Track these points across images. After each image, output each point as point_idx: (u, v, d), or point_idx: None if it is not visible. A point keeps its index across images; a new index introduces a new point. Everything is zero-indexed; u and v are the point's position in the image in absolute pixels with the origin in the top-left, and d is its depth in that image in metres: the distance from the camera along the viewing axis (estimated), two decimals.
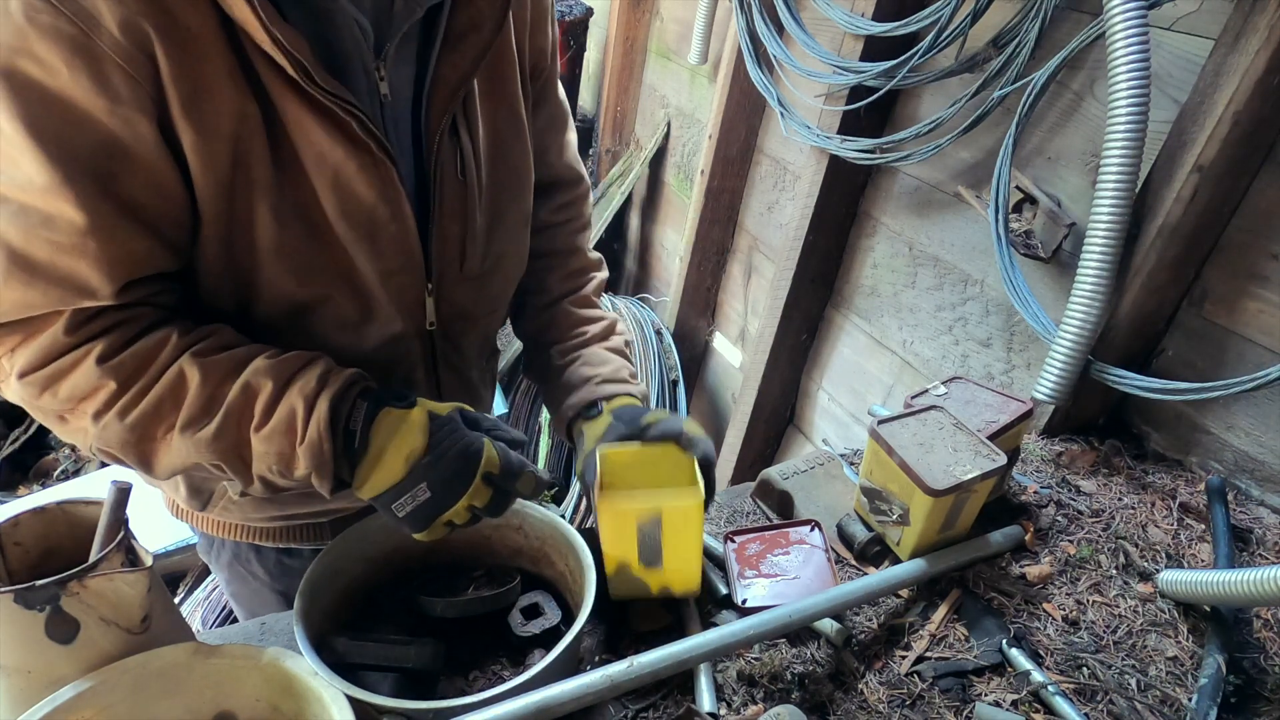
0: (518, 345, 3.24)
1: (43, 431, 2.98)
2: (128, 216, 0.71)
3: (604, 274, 1.20)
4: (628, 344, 1.16)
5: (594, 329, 1.11)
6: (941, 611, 1.03)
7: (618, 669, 0.81)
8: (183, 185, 0.73)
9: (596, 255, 1.21)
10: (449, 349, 1.01)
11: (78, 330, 0.73)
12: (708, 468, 0.94)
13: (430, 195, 0.87)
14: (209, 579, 2.30)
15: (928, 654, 0.97)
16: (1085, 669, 0.96)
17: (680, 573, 0.96)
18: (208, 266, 0.79)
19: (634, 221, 3.46)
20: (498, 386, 1.50)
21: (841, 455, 1.31)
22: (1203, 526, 1.20)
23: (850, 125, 1.84)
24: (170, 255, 0.76)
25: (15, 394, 0.75)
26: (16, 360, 0.73)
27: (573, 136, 1.18)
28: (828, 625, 0.97)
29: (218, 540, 1.12)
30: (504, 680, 0.82)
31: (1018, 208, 1.49)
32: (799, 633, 0.98)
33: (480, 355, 1.11)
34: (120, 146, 0.68)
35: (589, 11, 3.21)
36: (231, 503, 1.00)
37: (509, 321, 1.20)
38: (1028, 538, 1.14)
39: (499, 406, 3.16)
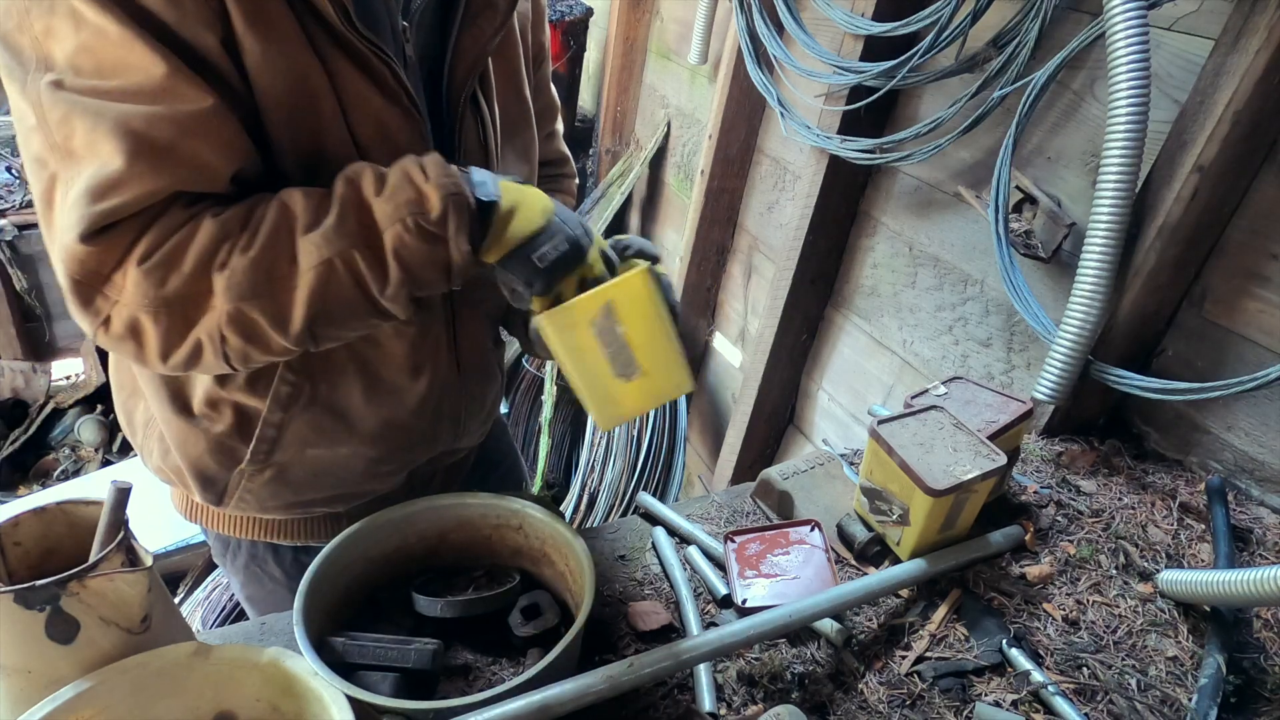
0: (516, 345, 3.25)
1: (43, 431, 2.99)
2: (226, 108, 0.72)
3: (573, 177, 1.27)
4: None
5: (551, 170, 1.20)
6: (941, 611, 1.03)
7: (618, 669, 0.81)
8: (250, 98, 0.75)
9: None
10: (468, 315, 1.03)
11: (192, 205, 0.73)
12: (651, 260, 0.90)
13: (456, 160, 0.88)
14: (209, 579, 2.30)
15: (928, 654, 0.97)
16: (1085, 669, 0.96)
17: (664, 371, 0.85)
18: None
19: (634, 221, 3.46)
20: None
21: (841, 455, 1.31)
22: (1203, 526, 1.20)
23: (850, 125, 1.84)
24: (256, 157, 0.77)
25: (127, 300, 0.71)
26: (136, 251, 0.71)
27: (560, 127, 1.24)
28: (828, 625, 0.97)
29: (233, 541, 1.12)
30: (504, 680, 0.82)
31: (1018, 208, 1.49)
32: (799, 633, 0.98)
33: (492, 328, 1.13)
34: (199, 52, 0.70)
35: (589, 11, 3.21)
36: (247, 492, 1.00)
37: None
38: (1028, 538, 1.14)
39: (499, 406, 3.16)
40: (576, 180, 1.30)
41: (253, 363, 0.79)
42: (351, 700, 0.72)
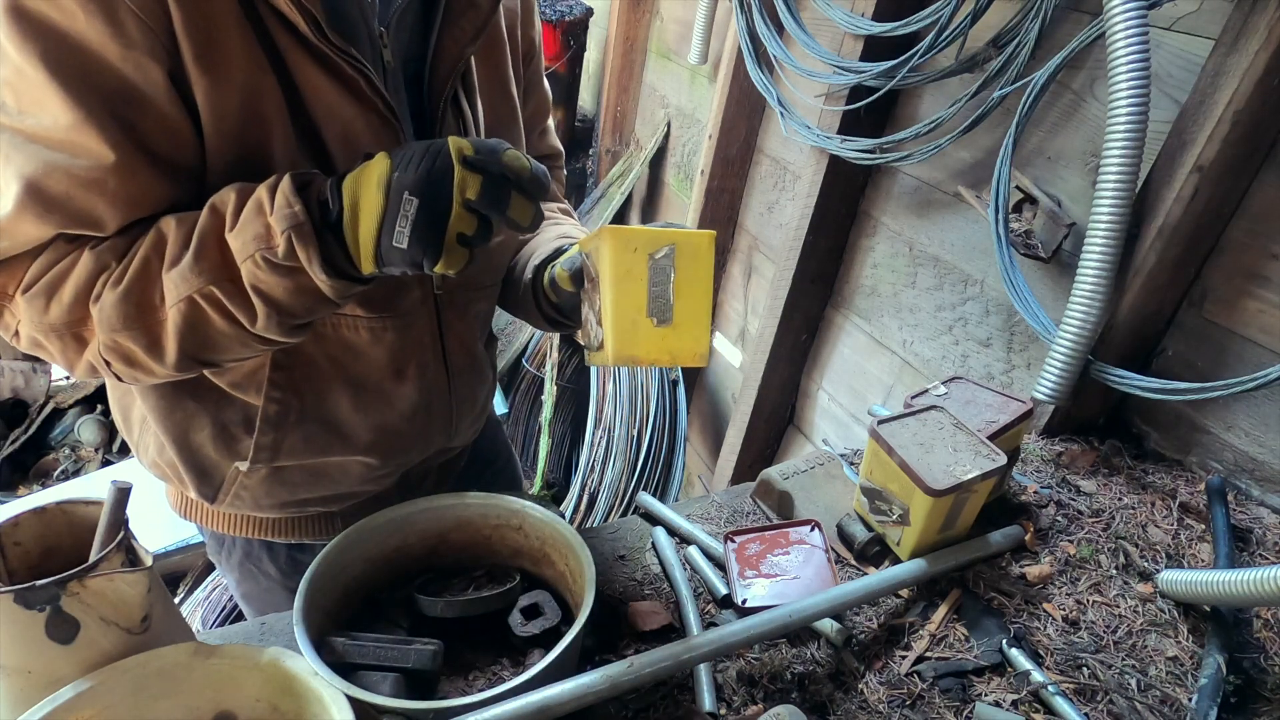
0: (516, 345, 3.24)
1: (43, 431, 2.98)
2: (147, 158, 0.72)
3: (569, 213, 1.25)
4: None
5: (552, 206, 1.20)
6: (941, 611, 1.03)
7: (618, 669, 0.81)
8: (194, 132, 0.75)
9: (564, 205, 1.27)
10: (454, 318, 1.02)
11: (75, 240, 0.75)
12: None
13: None
14: (209, 579, 2.30)
15: (928, 654, 0.97)
16: (1085, 669, 0.96)
17: (691, 331, 0.84)
18: None
19: (634, 222, 3.46)
20: (497, 387, 1.52)
21: (841, 455, 1.31)
22: (1203, 526, 1.20)
23: (850, 125, 1.84)
24: (179, 198, 0.77)
25: (24, 322, 0.76)
26: (19, 281, 0.75)
27: (551, 124, 1.25)
28: (828, 625, 0.97)
29: (228, 539, 1.12)
30: (504, 680, 0.82)
31: (1018, 208, 1.49)
32: (799, 633, 0.98)
33: (483, 330, 1.12)
34: (135, 91, 0.70)
35: (589, 11, 3.21)
36: (243, 489, 1.00)
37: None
38: (1028, 538, 1.14)
39: (499, 406, 3.16)
40: (565, 171, 1.30)
41: (145, 382, 0.82)
42: (351, 700, 0.72)
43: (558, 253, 1.03)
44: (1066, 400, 1.28)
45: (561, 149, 1.27)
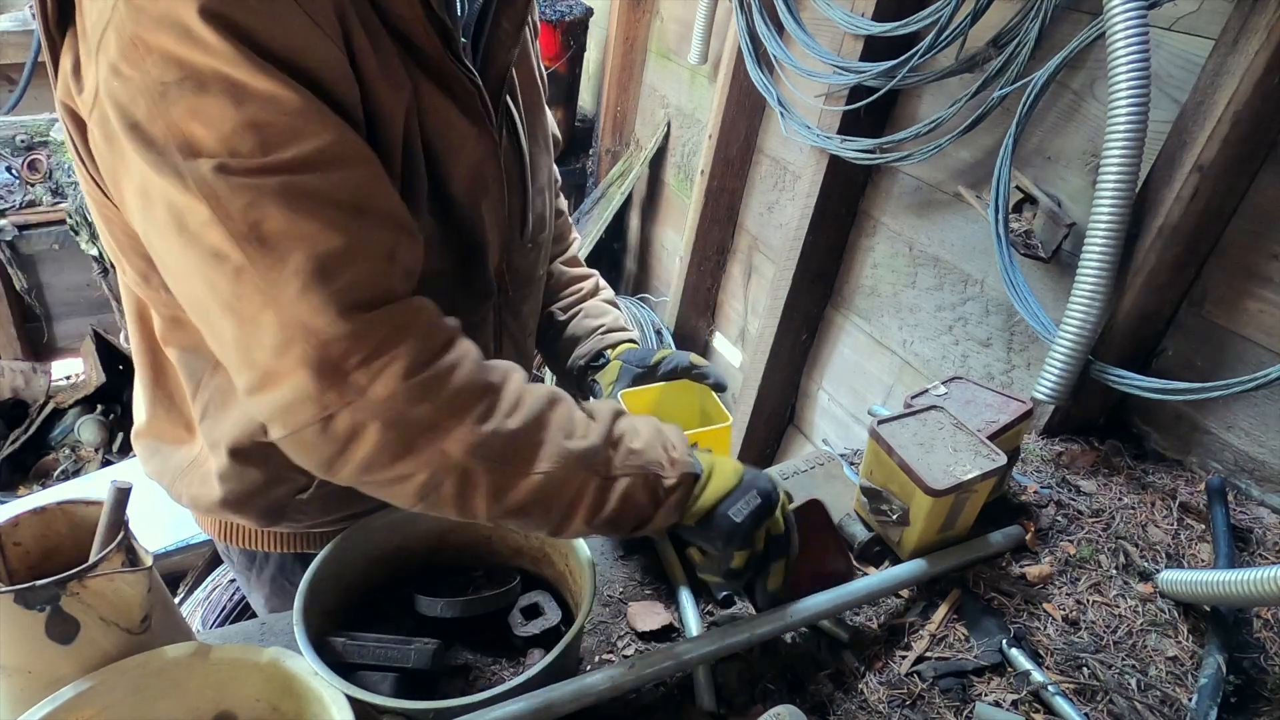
0: None
1: (43, 431, 2.98)
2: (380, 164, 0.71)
3: (578, 235, 1.29)
4: (610, 301, 1.25)
5: (587, 285, 1.20)
6: (941, 611, 1.03)
7: (618, 669, 0.81)
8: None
9: (569, 218, 1.27)
10: (509, 317, 1.03)
11: (443, 317, 0.73)
12: (720, 391, 1.03)
13: (499, 163, 0.89)
14: (209, 579, 2.30)
15: (928, 654, 0.97)
16: (1085, 669, 0.96)
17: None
18: None
19: (634, 221, 3.46)
20: None
21: (841, 455, 1.31)
22: (1203, 526, 1.20)
23: (850, 125, 1.84)
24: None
25: (383, 407, 0.66)
26: (399, 359, 0.66)
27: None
28: (828, 625, 0.97)
29: (260, 555, 1.09)
30: (504, 680, 0.82)
31: (1018, 208, 1.49)
32: (799, 633, 0.98)
33: (531, 321, 1.13)
34: (346, 108, 0.68)
35: (589, 11, 3.21)
36: (299, 512, 0.98)
37: None
38: (1028, 538, 1.14)
39: None
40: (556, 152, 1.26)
41: (431, 510, 0.74)
42: (351, 700, 0.72)
43: (600, 356, 1.10)
44: (1066, 400, 1.28)
45: (558, 135, 1.22)
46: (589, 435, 0.77)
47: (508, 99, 0.90)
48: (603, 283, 1.25)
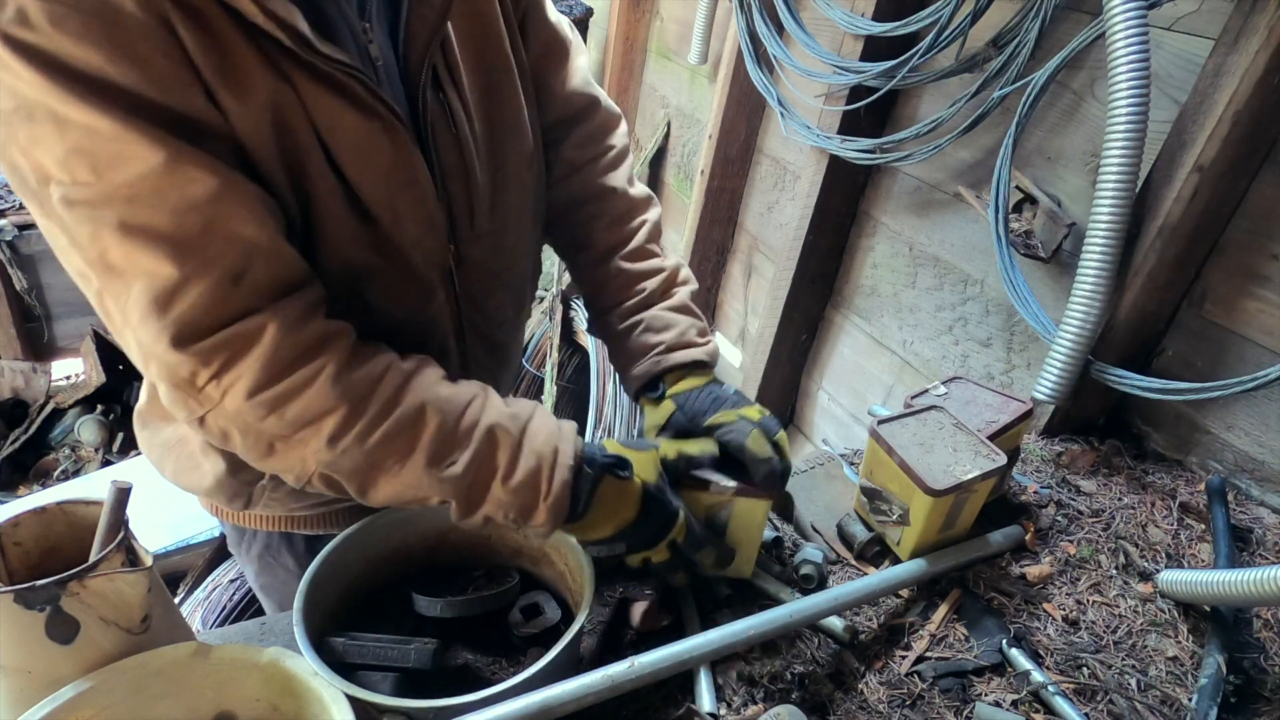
0: (533, 337, 3.23)
1: (43, 431, 2.99)
2: (237, 175, 0.69)
3: (654, 214, 1.10)
4: (694, 293, 1.08)
5: (652, 285, 1.03)
6: (941, 611, 1.03)
7: (618, 669, 0.81)
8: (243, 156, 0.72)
9: (643, 192, 1.10)
10: (473, 311, 0.99)
11: (298, 330, 0.71)
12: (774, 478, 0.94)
13: (429, 154, 0.85)
14: (209, 579, 2.30)
15: (928, 654, 0.97)
16: (1085, 669, 0.96)
17: (743, 555, 1.00)
18: None
19: None
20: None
21: (841, 455, 1.31)
22: (1203, 526, 1.20)
23: (850, 125, 1.84)
24: (283, 229, 0.74)
25: (234, 418, 0.71)
26: (242, 378, 0.69)
27: (581, 61, 1.07)
28: (828, 625, 0.97)
29: (249, 532, 1.12)
30: (504, 680, 0.82)
31: (1018, 208, 1.49)
32: (799, 633, 0.98)
33: (511, 309, 1.08)
34: (193, 123, 0.67)
35: (589, 11, 3.21)
36: (271, 499, 1.00)
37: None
38: (1028, 538, 1.14)
39: None
40: (623, 121, 1.12)
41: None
42: (351, 700, 0.72)
43: (655, 384, 1.04)
44: (1066, 400, 1.28)
45: (600, 95, 1.08)
46: (456, 464, 0.77)
47: (447, 85, 0.85)
48: (683, 275, 1.07)
